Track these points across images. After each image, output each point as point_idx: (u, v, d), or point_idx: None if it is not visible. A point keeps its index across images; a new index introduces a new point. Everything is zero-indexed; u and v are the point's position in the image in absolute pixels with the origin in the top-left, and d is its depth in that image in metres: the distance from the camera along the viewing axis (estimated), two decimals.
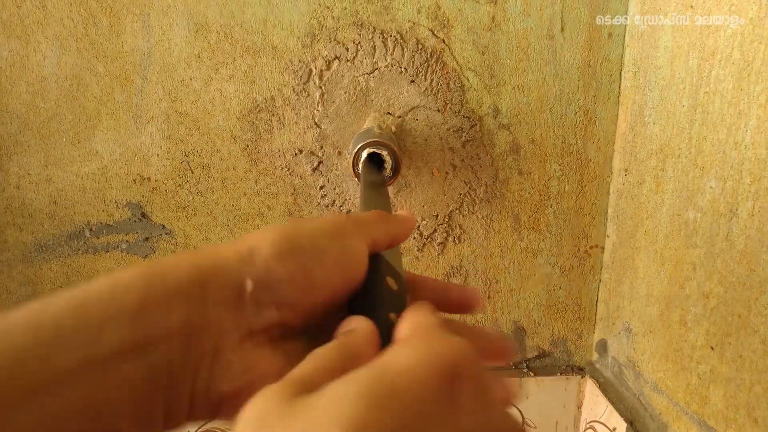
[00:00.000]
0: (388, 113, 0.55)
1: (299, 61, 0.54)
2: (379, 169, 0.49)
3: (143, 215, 0.57)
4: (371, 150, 0.48)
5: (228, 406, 0.20)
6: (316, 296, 0.21)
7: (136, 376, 0.17)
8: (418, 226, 0.59)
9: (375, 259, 0.24)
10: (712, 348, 0.44)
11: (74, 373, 0.16)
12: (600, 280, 0.63)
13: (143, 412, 0.18)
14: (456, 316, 0.27)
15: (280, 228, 0.22)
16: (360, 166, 0.49)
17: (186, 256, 0.20)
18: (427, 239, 0.60)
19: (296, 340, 0.22)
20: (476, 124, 0.56)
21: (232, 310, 0.20)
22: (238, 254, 0.20)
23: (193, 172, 0.56)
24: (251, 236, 0.21)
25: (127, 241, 0.57)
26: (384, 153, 0.48)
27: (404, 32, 0.53)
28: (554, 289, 0.63)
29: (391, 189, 0.57)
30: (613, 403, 0.58)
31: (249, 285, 0.20)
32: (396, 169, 0.49)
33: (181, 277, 0.19)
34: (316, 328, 0.22)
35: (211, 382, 0.19)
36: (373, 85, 0.54)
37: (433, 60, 0.54)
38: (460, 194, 0.58)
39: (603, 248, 0.61)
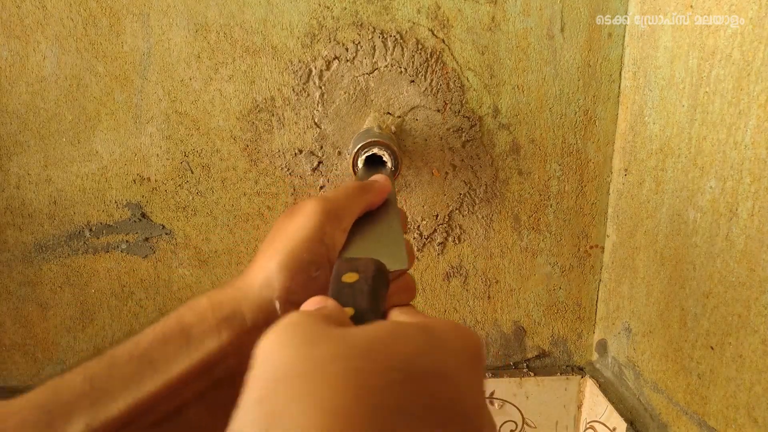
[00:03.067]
0: (388, 113, 0.55)
1: (299, 61, 0.54)
2: (378, 169, 0.49)
3: (143, 215, 0.57)
4: (371, 151, 0.48)
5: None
6: (319, 289, 0.27)
7: (203, 389, 0.22)
8: (418, 226, 0.59)
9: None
10: (712, 348, 0.44)
11: (148, 399, 0.22)
12: (600, 280, 0.63)
13: (198, 385, 0.22)
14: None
15: (281, 248, 0.26)
16: (360, 169, 0.49)
17: (224, 291, 0.25)
18: (427, 239, 0.60)
19: None
20: (476, 124, 0.56)
21: (268, 324, 0.24)
22: (260, 283, 0.26)
23: (193, 172, 0.56)
24: (261, 262, 0.27)
25: (127, 241, 0.57)
26: (384, 153, 0.48)
27: (404, 32, 0.53)
28: (554, 289, 0.63)
29: None
30: (613, 403, 0.58)
31: (278, 305, 0.25)
32: (396, 169, 0.49)
33: (223, 310, 0.24)
34: None
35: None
36: (372, 85, 0.54)
37: (433, 60, 0.54)
38: (460, 194, 0.58)
39: (603, 248, 0.61)
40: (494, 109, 0.56)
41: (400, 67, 0.54)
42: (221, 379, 0.23)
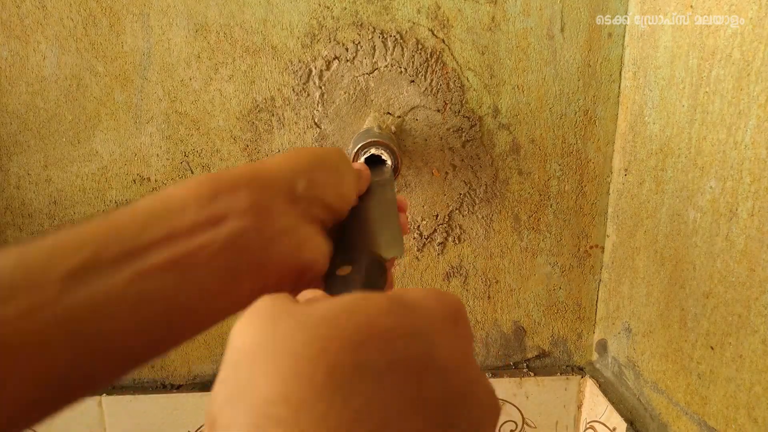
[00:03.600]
0: (388, 113, 0.55)
1: (299, 61, 0.54)
2: (379, 169, 0.49)
3: None
4: (371, 151, 0.48)
5: (306, 275, 0.24)
6: (340, 201, 0.28)
7: (215, 243, 0.21)
8: (418, 226, 0.59)
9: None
10: (712, 348, 0.44)
11: (161, 241, 0.20)
12: (600, 280, 0.63)
13: (229, 278, 0.21)
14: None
15: (312, 149, 0.28)
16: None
17: (238, 167, 0.25)
18: (427, 239, 0.60)
19: (328, 235, 0.28)
20: (476, 124, 0.56)
21: (290, 203, 0.24)
22: (288, 163, 0.26)
23: (193, 173, 0.56)
24: (291, 152, 0.27)
25: None
26: (384, 153, 0.48)
27: (404, 32, 0.53)
28: (554, 289, 0.63)
29: None
30: (613, 403, 0.58)
31: (300, 185, 0.25)
32: (396, 169, 0.49)
33: (242, 174, 0.24)
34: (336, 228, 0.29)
35: (292, 249, 0.23)
36: (372, 85, 0.54)
37: (433, 60, 0.54)
38: (460, 194, 0.58)
39: (603, 248, 0.61)
40: (494, 109, 0.56)
41: (400, 67, 0.54)
42: (231, 242, 0.22)
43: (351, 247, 0.27)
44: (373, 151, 0.48)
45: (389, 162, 0.49)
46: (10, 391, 0.17)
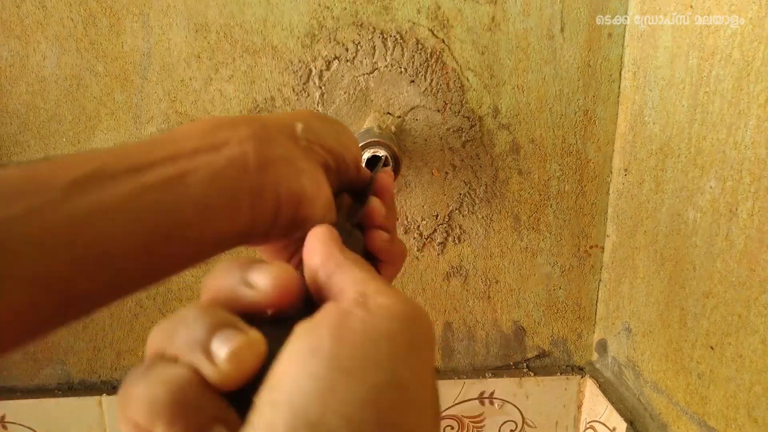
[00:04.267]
0: (388, 113, 0.55)
1: (299, 62, 0.54)
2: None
3: None
4: (371, 150, 0.48)
5: (304, 206, 0.25)
6: (342, 149, 0.29)
7: (215, 164, 0.22)
8: (418, 226, 0.59)
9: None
10: (712, 348, 0.44)
11: (164, 161, 0.21)
12: (600, 280, 0.63)
13: (228, 197, 0.22)
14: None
15: (313, 110, 0.31)
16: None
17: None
18: (427, 239, 0.60)
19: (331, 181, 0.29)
20: (476, 124, 0.56)
21: (291, 140, 0.26)
22: (286, 113, 0.28)
23: None
24: (287, 112, 0.30)
25: None
26: (384, 153, 0.48)
27: (404, 32, 0.53)
28: (554, 289, 0.63)
29: None
30: (613, 403, 0.58)
31: (299, 126, 0.27)
32: (396, 169, 0.49)
33: (242, 116, 0.25)
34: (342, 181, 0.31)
35: (290, 175, 0.24)
36: (372, 85, 0.54)
37: (433, 60, 0.54)
38: (460, 194, 0.58)
39: (603, 248, 0.61)
40: (494, 109, 0.56)
41: (400, 67, 0.54)
42: (231, 163, 0.23)
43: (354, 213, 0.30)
44: (374, 150, 0.48)
45: (389, 162, 0.49)
46: (9, 292, 0.17)
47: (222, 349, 0.16)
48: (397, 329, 0.16)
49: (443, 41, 0.54)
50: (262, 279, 0.19)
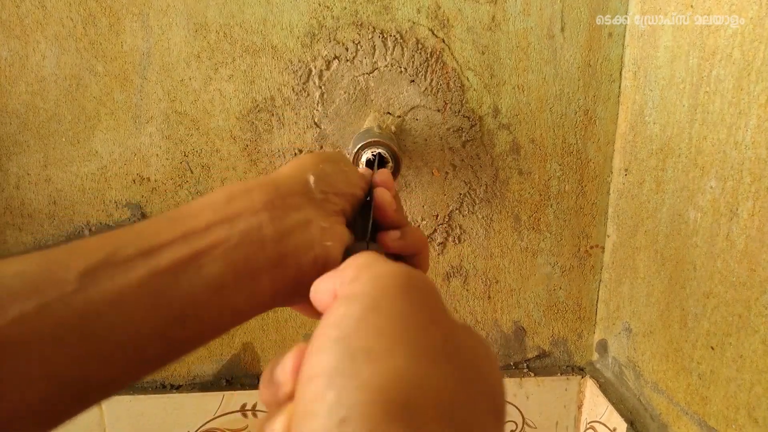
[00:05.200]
0: (388, 113, 0.55)
1: (299, 61, 0.53)
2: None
3: (143, 215, 0.57)
4: (371, 150, 0.48)
5: (330, 266, 0.23)
6: (355, 190, 0.29)
7: (230, 239, 0.22)
8: (418, 226, 0.59)
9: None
10: (712, 348, 0.44)
11: (176, 242, 0.21)
12: (600, 280, 0.63)
13: (244, 273, 0.22)
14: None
15: (312, 153, 0.31)
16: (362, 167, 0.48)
17: (258, 176, 0.26)
18: (427, 239, 0.60)
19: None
20: (476, 124, 0.56)
21: (305, 198, 0.25)
22: (295, 165, 0.27)
23: (192, 172, 0.56)
24: (294, 159, 0.29)
25: None
26: (384, 153, 0.48)
27: (404, 32, 0.53)
28: (554, 289, 0.63)
29: None
30: (613, 404, 0.58)
31: (311, 179, 0.26)
32: (396, 169, 0.49)
33: (255, 180, 0.25)
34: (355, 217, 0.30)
35: (311, 240, 0.24)
36: (372, 84, 0.54)
37: (433, 60, 0.54)
38: (460, 194, 0.58)
39: (603, 248, 0.61)
40: (494, 108, 0.56)
41: (400, 67, 0.54)
42: (246, 237, 0.22)
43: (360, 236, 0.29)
44: (374, 150, 0.48)
45: (389, 162, 0.49)
46: (23, 390, 0.17)
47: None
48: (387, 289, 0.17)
49: (443, 41, 0.54)
50: (283, 370, 0.19)
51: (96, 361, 0.18)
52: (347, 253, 0.26)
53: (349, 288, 0.18)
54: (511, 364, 0.65)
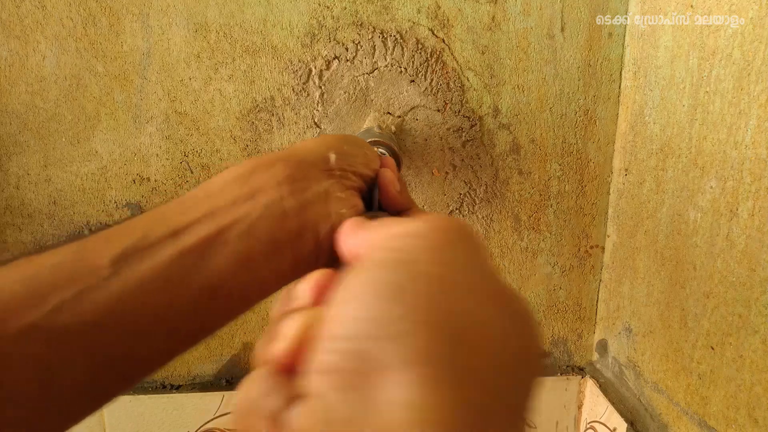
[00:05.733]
0: (388, 113, 0.55)
1: (299, 61, 0.53)
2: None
3: None
4: None
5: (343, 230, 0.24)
6: (370, 172, 0.29)
7: (254, 212, 0.22)
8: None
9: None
10: (712, 348, 0.44)
11: (201, 220, 0.22)
12: (600, 280, 0.63)
13: (268, 245, 0.22)
14: None
15: (336, 134, 0.31)
16: None
17: (282, 149, 0.27)
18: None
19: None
20: (476, 124, 0.56)
21: (325, 173, 0.26)
22: (319, 141, 0.28)
23: (192, 172, 0.56)
24: (319, 137, 0.31)
25: None
26: (384, 153, 0.48)
27: (404, 32, 0.53)
28: (554, 289, 0.63)
29: None
30: (613, 404, 0.58)
31: (332, 157, 0.27)
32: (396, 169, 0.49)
33: (278, 154, 0.26)
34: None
35: (332, 212, 0.24)
36: (372, 84, 0.54)
37: (433, 60, 0.54)
38: (460, 194, 0.58)
39: (603, 248, 0.61)
40: (494, 108, 0.56)
41: (400, 67, 0.54)
42: (269, 210, 0.23)
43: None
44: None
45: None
46: (71, 371, 0.18)
47: (281, 332, 0.17)
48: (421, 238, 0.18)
49: (443, 41, 0.54)
50: (302, 288, 0.20)
51: (134, 339, 0.19)
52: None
53: (405, 227, 0.18)
54: None
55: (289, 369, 0.17)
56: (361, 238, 0.21)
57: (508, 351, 0.15)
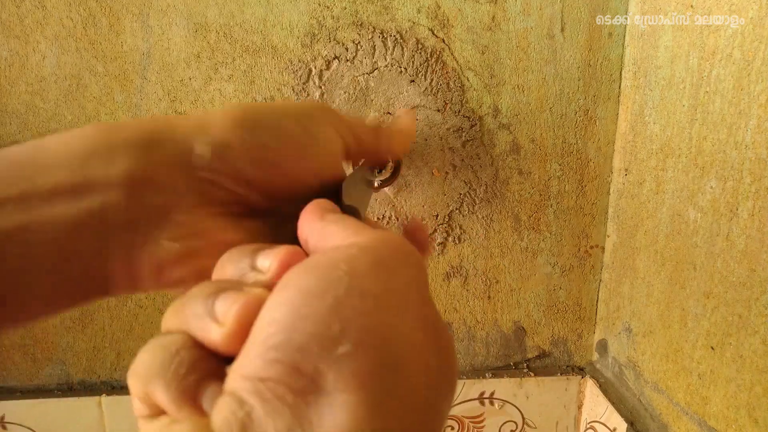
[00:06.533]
0: (388, 113, 0.55)
1: (299, 61, 0.53)
2: (372, 171, 0.49)
3: None
4: None
5: (173, 269, 0.19)
6: (278, 177, 0.21)
7: (71, 217, 0.18)
8: None
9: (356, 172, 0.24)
10: (712, 348, 0.44)
11: (14, 200, 0.17)
12: (600, 280, 0.63)
13: (78, 257, 0.18)
14: None
15: (242, 104, 0.21)
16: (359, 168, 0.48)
17: (142, 119, 0.20)
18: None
19: (262, 221, 0.22)
20: (476, 124, 0.56)
21: (183, 173, 0.19)
22: (195, 120, 0.20)
23: None
24: (211, 110, 0.21)
25: None
26: None
27: (404, 32, 0.53)
28: (554, 289, 0.63)
29: (390, 189, 0.57)
30: (613, 404, 0.58)
31: (198, 149, 0.19)
32: (396, 169, 0.49)
33: (130, 133, 0.19)
34: (284, 214, 0.22)
35: (157, 237, 0.19)
36: (372, 84, 0.54)
37: (433, 60, 0.54)
38: (460, 194, 0.58)
39: (603, 248, 0.61)
40: (494, 108, 0.56)
41: (400, 67, 0.54)
42: (91, 219, 0.18)
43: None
44: None
45: (389, 162, 0.49)
46: None
47: (224, 308, 0.16)
48: (359, 256, 0.17)
49: (443, 41, 0.54)
50: (268, 261, 0.18)
51: None
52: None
53: (355, 239, 0.17)
54: (511, 364, 0.65)
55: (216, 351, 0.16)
56: (314, 232, 0.18)
57: (431, 378, 0.15)
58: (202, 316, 0.16)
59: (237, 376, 0.14)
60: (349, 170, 0.26)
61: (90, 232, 0.18)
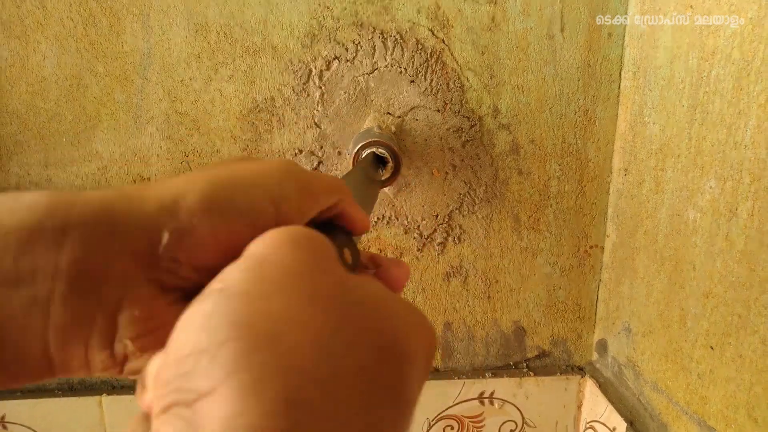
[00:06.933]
0: (388, 113, 0.55)
1: (299, 61, 0.54)
2: (377, 169, 0.49)
3: None
4: (371, 150, 0.48)
5: (129, 362, 0.18)
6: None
7: (7, 308, 0.16)
8: (418, 226, 0.59)
9: (327, 227, 0.22)
10: (711, 348, 0.44)
11: None
12: (600, 280, 0.63)
13: (14, 346, 0.16)
14: None
15: (214, 174, 0.19)
16: (362, 159, 0.49)
17: (104, 192, 0.18)
18: (427, 239, 0.60)
19: None
20: (476, 124, 0.56)
21: (141, 263, 0.17)
22: (159, 201, 0.18)
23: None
24: (181, 180, 0.19)
25: None
26: (384, 153, 0.48)
27: (404, 32, 0.53)
28: (554, 289, 0.63)
29: (390, 189, 0.57)
30: (612, 403, 0.58)
31: (165, 238, 0.17)
32: (396, 169, 0.49)
33: (86, 212, 0.17)
34: None
35: (108, 334, 0.17)
36: (372, 85, 0.54)
37: (433, 60, 0.54)
38: (460, 194, 0.58)
39: (603, 248, 0.61)
40: (494, 109, 0.56)
41: (400, 67, 0.54)
42: (26, 312, 0.16)
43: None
44: (374, 150, 0.48)
45: (390, 162, 0.49)
46: None
47: None
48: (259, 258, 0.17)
49: (443, 41, 0.54)
50: None
51: None
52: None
53: (244, 252, 0.17)
54: (511, 364, 0.65)
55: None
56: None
57: (343, 345, 0.15)
58: None
59: (153, 421, 0.14)
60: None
61: (21, 330, 0.16)
